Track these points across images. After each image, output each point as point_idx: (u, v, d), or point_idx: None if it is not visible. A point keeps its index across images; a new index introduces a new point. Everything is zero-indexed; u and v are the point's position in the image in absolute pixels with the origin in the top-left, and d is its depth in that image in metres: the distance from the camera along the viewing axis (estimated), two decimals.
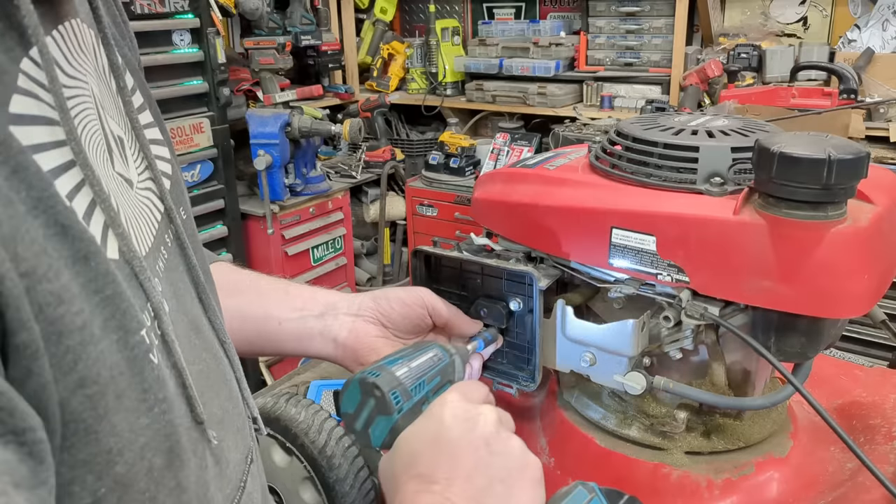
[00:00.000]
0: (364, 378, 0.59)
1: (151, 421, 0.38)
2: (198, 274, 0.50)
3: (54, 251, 0.32)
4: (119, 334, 0.36)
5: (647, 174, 0.70)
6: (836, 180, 0.57)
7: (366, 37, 3.61)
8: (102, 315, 0.35)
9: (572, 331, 0.73)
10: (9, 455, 0.27)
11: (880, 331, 0.80)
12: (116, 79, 0.46)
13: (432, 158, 3.10)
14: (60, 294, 0.31)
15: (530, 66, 3.07)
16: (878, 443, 0.78)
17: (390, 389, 0.58)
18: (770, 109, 2.20)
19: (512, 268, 0.74)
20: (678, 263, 0.66)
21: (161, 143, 0.53)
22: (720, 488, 0.72)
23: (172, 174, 0.52)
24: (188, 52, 2.34)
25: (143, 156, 0.47)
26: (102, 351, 0.34)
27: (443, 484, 0.53)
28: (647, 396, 0.78)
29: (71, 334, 0.32)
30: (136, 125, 0.47)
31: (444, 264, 0.80)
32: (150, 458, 0.37)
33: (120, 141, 0.44)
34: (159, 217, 0.47)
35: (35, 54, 0.35)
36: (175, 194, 0.51)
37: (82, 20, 0.44)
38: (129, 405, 0.36)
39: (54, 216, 0.33)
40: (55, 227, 0.33)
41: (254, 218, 2.70)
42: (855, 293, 0.61)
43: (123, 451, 0.35)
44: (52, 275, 0.31)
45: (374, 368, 0.60)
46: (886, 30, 2.59)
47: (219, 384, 0.50)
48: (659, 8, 2.88)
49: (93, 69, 0.44)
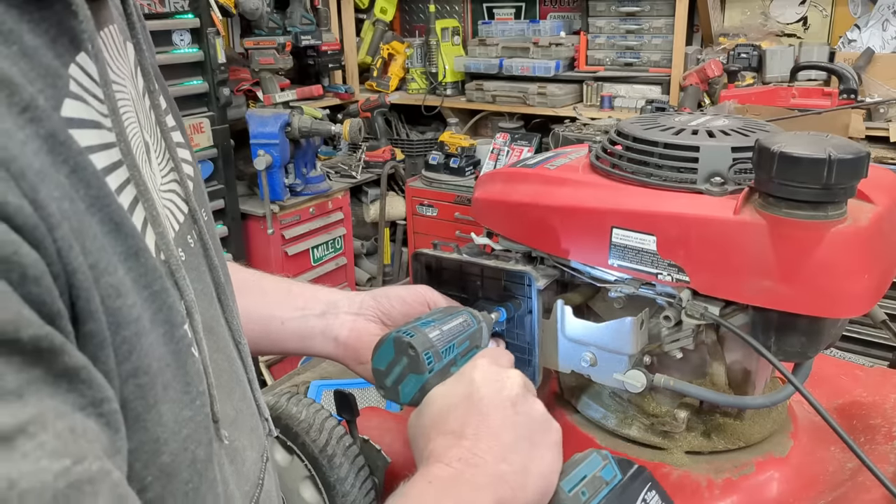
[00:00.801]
0: (399, 337, 0.62)
1: (194, 413, 0.39)
2: (219, 275, 0.51)
3: (110, 247, 0.34)
4: (166, 328, 0.37)
5: (648, 174, 0.70)
6: (837, 180, 0.57)
7: (366, 37, 3.62)
8: (151, 309, 0.36)
9: (572, 330, 0.73)
10: (92, 424, 0.29)
11: (880, 331, 0.80)
12: (147, 82, 0.47)
13: (432, 158, 3.10)
14: (118, 287, 0.33)
15: (530, 66, 3.07)
16: (879, 443, 0.78)
17: (423, 350, 0.61)
18: (770, 109, 2.20)
19: (510, 268, 0.74)
20: (678, 263, 0.66)
21: (183, 147, 0.54)
22: (720, 488, 0.72)
23: (195, 176, 0.53)
24: (188, 52, 2.34)
25: (170, 157, 0.48)
26: (152, 343, 0.35)
27: (471, 439, 0.56)
28: (648, 396, 0.78)
29: (128, 325, 0.33)
30: (164, 128, 0.48)
31: (444, 266, 0.80)
32: (194, 450, 0.38)
33: (146, 145, 0.45)
34: (182, 219, 0.47)
35: (81, 59, 0.36)
36: (198, 195, 0.51)
37: (116, 25, 0.45)
38: (174, 396, 0.37)
39: (109, 214, 0.34)
40: (110, 224, 0.34)
41: (254, 218, 2.70)
42: (855, 293, 0.61)
43: (169, 441, 0.36)
44: (111, 269, 0.33)
45: (409, 329, 0.63)
46: (886, 30, 2.59)
47: (231, 384, 0.51)
48: (659, 8, 2.88)
49: (128, 74, 0.45)
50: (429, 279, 0.80)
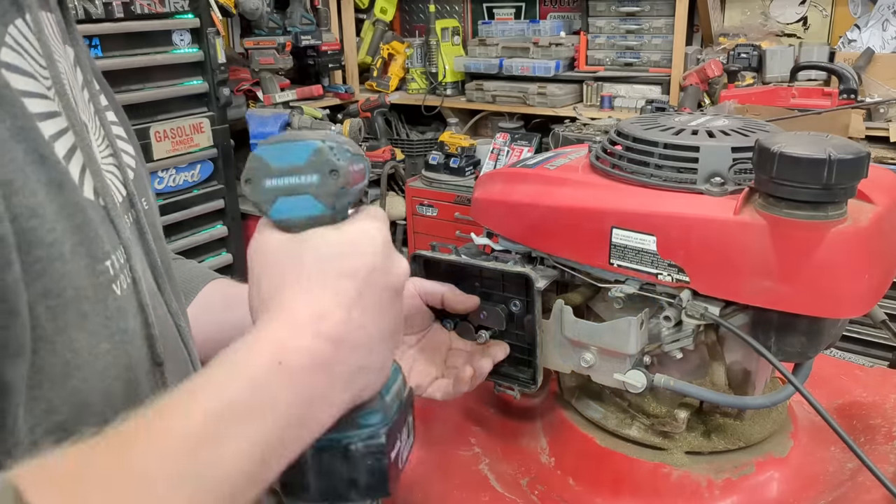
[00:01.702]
0: (325, 148, 0.44)
1: (112, 347, 0.40)
2: (155, 258, 0.52)
3: (32, 173, 0.36)
4: (87, 260, 0.39)
5: (648, 174, 0.70)
6: (837, 180, 0.57)
7: (366, 37, 3.61)
8: (72, 240, 0.38)
9: (572, 331, 0.73)
10: None
11: (880, 331, 0.80)
12: (84, 73, 0.50)
13: (432, 158, 3.10)
14: (35, 209, 0.35)
15: (530, 66, 3.07)
16: (879, 443, 0.78)
17: (346, 186, 0.45)
18: (770, 109, 2.20)
19: (509, 269, 0.73)
20: (678, 263, 0.66)
21: (125, 140, 0.56)
22: (720, 488, 0.72)
23: (136, 168, 0.55)
24: (188, 52, 2.34)
25: (108, 142, 0.50)
26: (70, 271, 0.37)
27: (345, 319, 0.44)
28: (648, 396, 0.78)
29: (41, 246, 0.35)
30: (103, 116, 0.50)
31: (442, 269, 0.80)
32: (110, 384, 0.40)
33: (84, 125, 0.47)
34: (119, 199, 0.49)
35: (21, 25, 0.40)
36: (138, 186, 0.53)
37: (54, 20, 0.47)
38: (90, 328, 0.39)
39: (34, 146, 0.37)
40: (34, 154, 0.37)
41: (254, 218, 2.70)
42: (855, 293, 0.61)
43: (81, 367, 0.38)
44: (27, 191, 0.35)
45: (340, 147, 0.45)
46: (886, 30, 2.59)
47: (176, 354, 0.53)
48: (659, 8, 2.88)
49: (69, 66, 0.47)
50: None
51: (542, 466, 0.81)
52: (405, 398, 0.48)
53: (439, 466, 0.79)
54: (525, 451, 0.84)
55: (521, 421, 0.88)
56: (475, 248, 0.84)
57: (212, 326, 0.68)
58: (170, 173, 2.33)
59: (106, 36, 2.10)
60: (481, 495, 0.76)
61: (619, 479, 0.76)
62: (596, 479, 0.77)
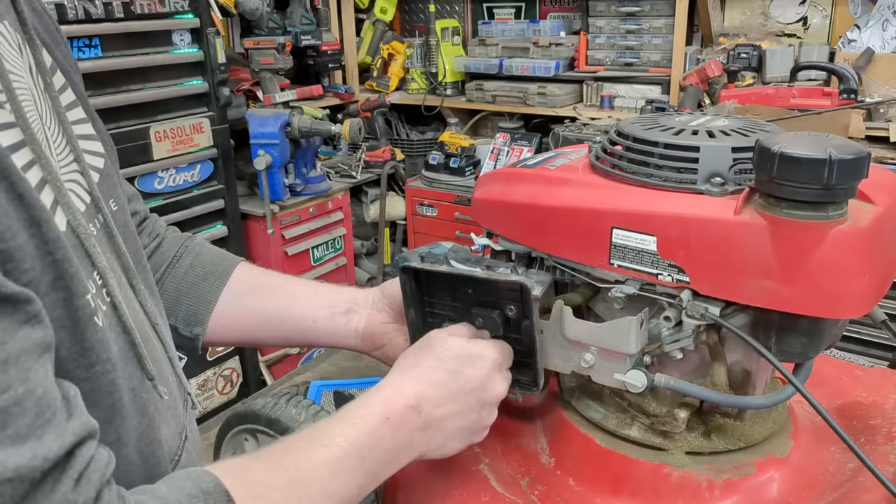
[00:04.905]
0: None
1: (91, 376, 0.43)
2: (127, 260, 0.54)
3: (14, 213, 0.37)
4: (65, 294, 0.41)
5: (648, 174, 0.70)
6: (837, 180, 0.57)
7: (366, 37, 3.61)
8: (52, 275, 0.40)
9: (572, 331, 0.73)
10: (36, 332, 0.37)
11: (881, 331, 0.80)
12: (43, 77, 0.50)
13: (432, 158, 3.10)
14: (12, 253, 0.37)
15: (530, 66, 3.07)
16: (879, 443, 0.78)
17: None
18: (770, 109, 2.20)
19: (504, 279, 0.71)
20: (679, 264, 0.66)
21: (93, 139, 0.57)
22: (721, 488, 0.72)
23: (104, 168, 0.56)
24: (188, 52, 2.34)
25: (71, 149, 0.51)
26: (46, 304, 0.39)
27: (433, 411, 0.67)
28: (648, 396, 0.78)
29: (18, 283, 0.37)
30: (63, 119, 0.51)
31: (434, 278, 0.77)
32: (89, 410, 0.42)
33: (46, 138, 0.48)
34: (83, 208, 0.50)
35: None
36: (104, 187, 0.55)
37: (9, 24, 0.47)
38: (65, 356, 0.41)
39: (12, 185, 0.38)
40: (13, 193, 0.38)
41: (254, 218, 2.70)
42: (856, 293, 0.61)
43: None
44: (8, 235, 0.37)
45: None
46: (886, 30, 2.59)
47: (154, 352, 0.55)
48: (659, 8, 2.88)
49: (24, 68, 0.48)
50: (419, 291, 0.77)
51: (542, 466, 0.81)
52: None
53: (439, 466, 0.79)
54: (525, 451, 0.84)
55: (521, 421, 0.88)
56: (464, 251, 0.82)
57: (250, 311, 0.82)
58: (170, 173, 2.32)
59: (106, 36, 2.09)
60: (481, 495, 0.76)
61: (619, 480, 0.76)
62: (596, 479, 0.77)
